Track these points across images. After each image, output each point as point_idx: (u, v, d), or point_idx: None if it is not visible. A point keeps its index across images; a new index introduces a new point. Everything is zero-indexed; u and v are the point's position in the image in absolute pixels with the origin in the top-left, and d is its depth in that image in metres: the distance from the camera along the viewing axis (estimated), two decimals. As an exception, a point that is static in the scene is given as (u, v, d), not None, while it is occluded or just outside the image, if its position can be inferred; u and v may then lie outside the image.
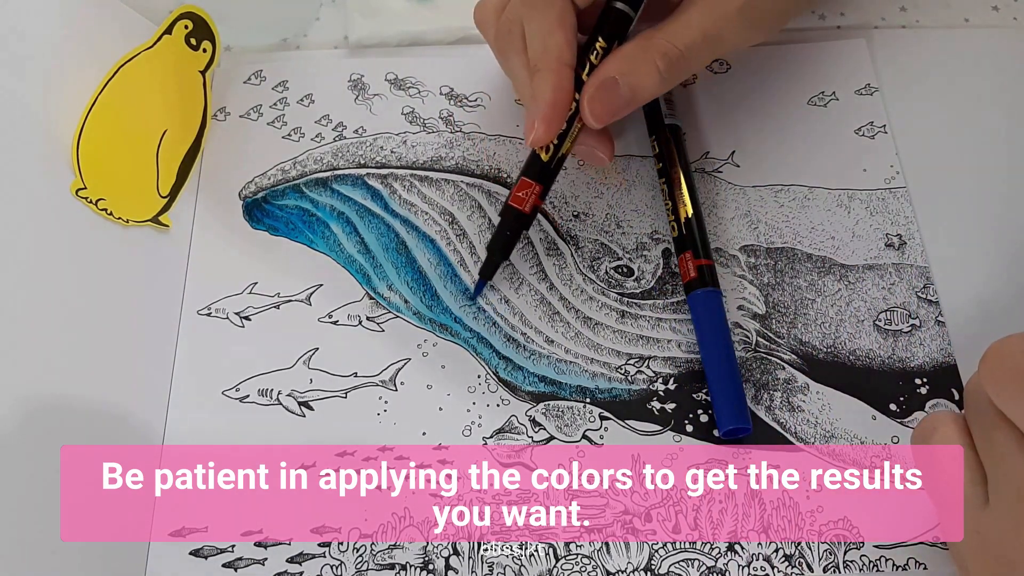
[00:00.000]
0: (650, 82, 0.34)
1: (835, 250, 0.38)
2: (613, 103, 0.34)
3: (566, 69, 0.33)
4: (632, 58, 0.34)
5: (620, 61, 0.34)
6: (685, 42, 0.33)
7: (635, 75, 0.33)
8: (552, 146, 0.35)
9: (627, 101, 0.34)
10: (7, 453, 0.30)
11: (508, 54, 0.36)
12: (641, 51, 0.34)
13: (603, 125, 0.34)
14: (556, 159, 0.35)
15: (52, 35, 0.37)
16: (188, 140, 0.40)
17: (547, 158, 0.35)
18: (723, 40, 0.34)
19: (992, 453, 0.27)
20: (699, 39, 0.34)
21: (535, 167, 0.35)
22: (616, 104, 0.34)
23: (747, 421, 0.34)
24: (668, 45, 0.33)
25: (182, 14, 0.40)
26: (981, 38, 0.42)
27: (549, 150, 0.35)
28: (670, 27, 0.34)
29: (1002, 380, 0.26)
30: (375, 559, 0.33)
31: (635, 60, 0.34)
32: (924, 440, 0.29)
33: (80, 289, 0.35)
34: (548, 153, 0.35)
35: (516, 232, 0.36)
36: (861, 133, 0.40)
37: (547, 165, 0.35)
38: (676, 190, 0.37)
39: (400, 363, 0.37)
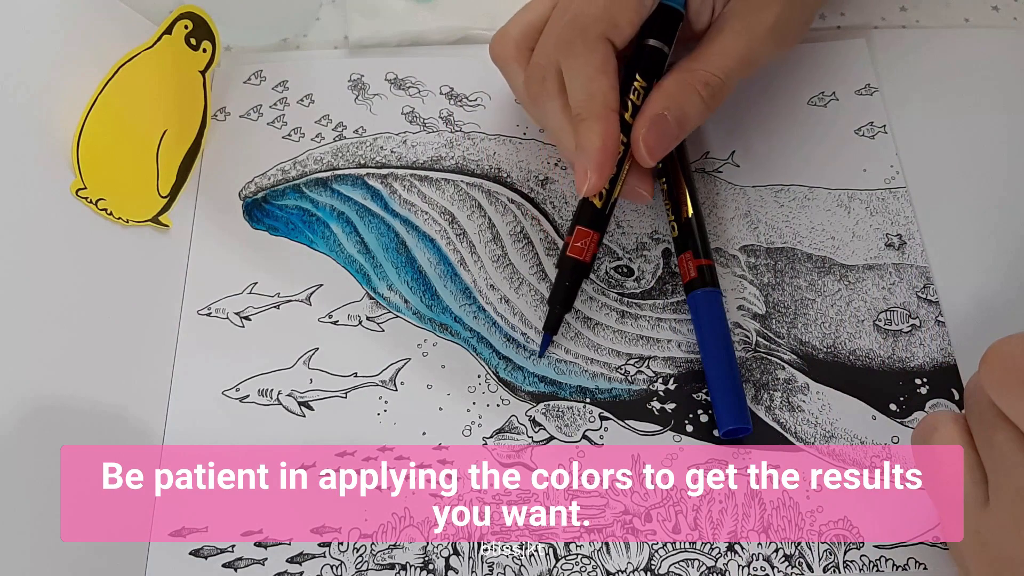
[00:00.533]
0: (696, 111, 0.34)
1: (835, 250, 0.38)
2: (665, 138, 0.34)
3: (613, 115, 0.33)
4: (676, 92, 0.34)
5: (665, 96, 0.34)
6: (724, 70, 0.34)
7: (682, 107, 0.34)
8: (604, 192, 0.35)
9: (676, 134, 0.34)
10: (7, 453, 0.30)
11: (543, 101, 0.35)
12: (684, 84, 0.34)
13: (656, 162, 0.35)
14: (609, 204, 0.35)
15: (52, 35, 0.37)
16: (188, 140, 0.40)
17: (600, 204, 0.35)
18: (757, 60, 0.35)
19: (992, 453, 0.27)
20: (736, 64, 0.34)
21: (588, 214, 0.35)
22: (668, 138, 0.34)
23: (747, 421, 0.34)
24: (708, 75, 0.34)
25: (182, 14, 0.40)
26: (981, 38, 0.42)
27: (602, 196, 0.35)
28: (706, 56, 0.35)
29: (1002, 380, 0.26)
30: (375, 559, 0.33)
31: (680, 93, 0.34)
32: (924, 440, 0.29)
33: (80, 289, 0.35)
34: (601, 200, 0.35)
35: (576, 283, 0.36)
36: (861, 133, 0.40)
37: (601, 212, 0.35)
38: (676, 190, 0.38)
39: (400, 363, 0.37)
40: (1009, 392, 0.26)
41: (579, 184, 0.34)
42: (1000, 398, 0.26)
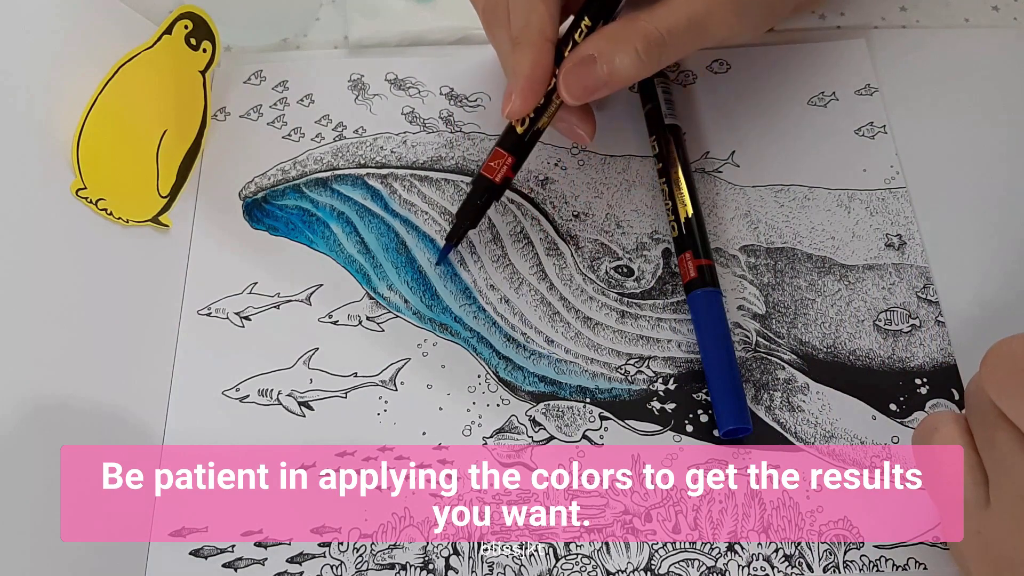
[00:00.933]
0: (628, 63, 0.33)
1: (835, 250, 0.38)
2: (589, 81, 0.33)
3: (547, 44, 0.33)
4: (612, 38, 0.33)
5: (600, 40, 0.33)
6: (667, 25, 0.33)
7: (614, 55, 0.33)
8: (528, 120, 0.35)
9: (604, 81, 0.33)
10: (7, 453, 0.30)
11: (493, 27, 0.36)
12: (622, 32, 0.33)
13: (579, 103, 0.34)
14: (531, 133, 0.35)
15: (52, 35, 0.37)
16: (188, 140, 0.40)
17: (522, 131, 0.35)
18: (709, 28, 0.34)
19: (993, 454, 0.27)
20: (683, 23, 0.33)
21: (510, 139, 0.36)
22: (592, 82, 0.33)
23: (747, 421, 0.34)
24: (650, 27, 0.33)
25: (182, 14, 0.40)
26: (981, 38, 0.42)
27: (525, 123, 0.35)
28: (656, 10, 0.33)
29: (1003, 380, 0.26)
30: (375, 559, 0.33)
31: (615, 40, 0.33)
32: (924, 440, 0.29)
33: (80, 289, 0.35)
34: (523, 126, 0.35)
35: (486, 202, 0.36)
36: (861, 133, 0.40)
37: (521, 138, 0.35)
38: (676, 190, 0.38)
39: (400, 363, 0.37)
40: (1010, 393, 0.26)
41: (504, 105, 0.34)
42: (1001, 399, 0.26)
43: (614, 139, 0.41)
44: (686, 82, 0.42)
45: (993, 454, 0.27)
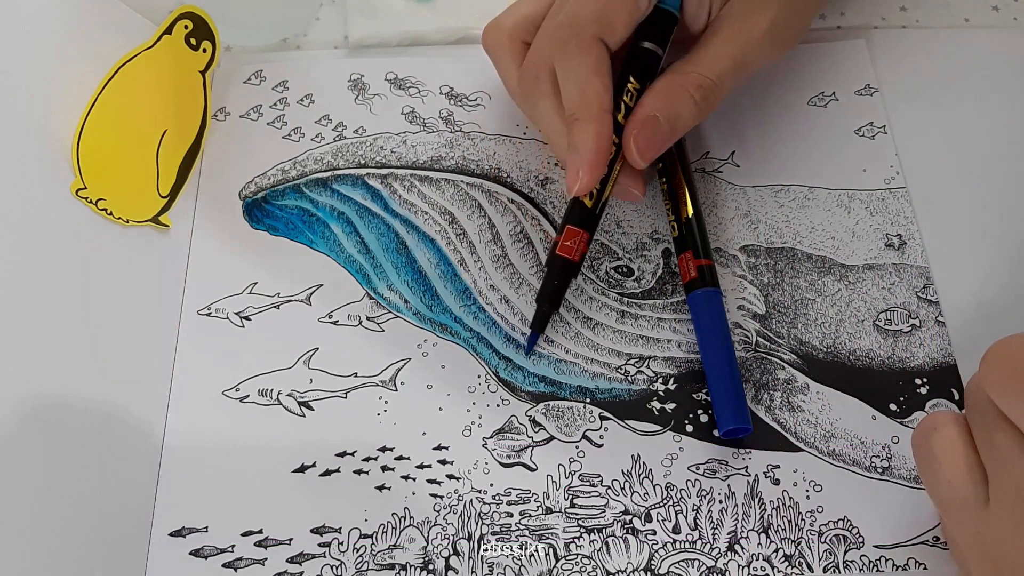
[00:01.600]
0: (688, 114, 0.34)
1: (835, 250, 0.38)
2: (656, 140, 0.34)
3: (607, 116, 0.33)
4: (668, 94, 0.34)
5: (657, 98, 0.34)
6: (717, 72, 0.34)
7: (673, 109, 0.34)
8: (594, 192, 0.35)
9: (668, 136, 0.34)
10: (7, 453, 0.30)
11: (536, 100, 0.35)
12: (676, 86, 0.34)
13: (648, 163, 0.35)
14: (600, 204, 0.35)
15: (52, 35, 0.37)
16: (188, 140, 0.40)
17: (591, 204, 0.35)
18: (751, 63, 0.35)
19: (993, 454, 0.27)
20: (729, 67, 0.34)
21: (580, 214, 0.35)
22: (659, 141, 0.34)
23: (747, 421, 0.34)
24: (701, 77, 0.34)
25: (182, 14, 0.40)
26: (981, 38, 0.42)
27: (592, 196, 0.35)
28: (700, 59, 0.34)
29: (1003, 380, 0.26)
30: (375, 559, 0.33)
31: (672, 95, 0.34)
32: (924, 440, 0.29)
33: (80, 289, 0.35)
34: (591, 199, 0.35)
35: (565, 282, 0.36)
36: (861, 133, 0.40)
37: (592, 211, 0.35)
38: (676, 190, 0.38)
39: (400, 363, 0.37)
40: (1009, 392, 0.26)
41: (570, 183, 0.34)
42: (1000, 398, 0.26)
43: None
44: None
45: (993, 454, 0.27)
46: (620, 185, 0.36)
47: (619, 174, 0.35)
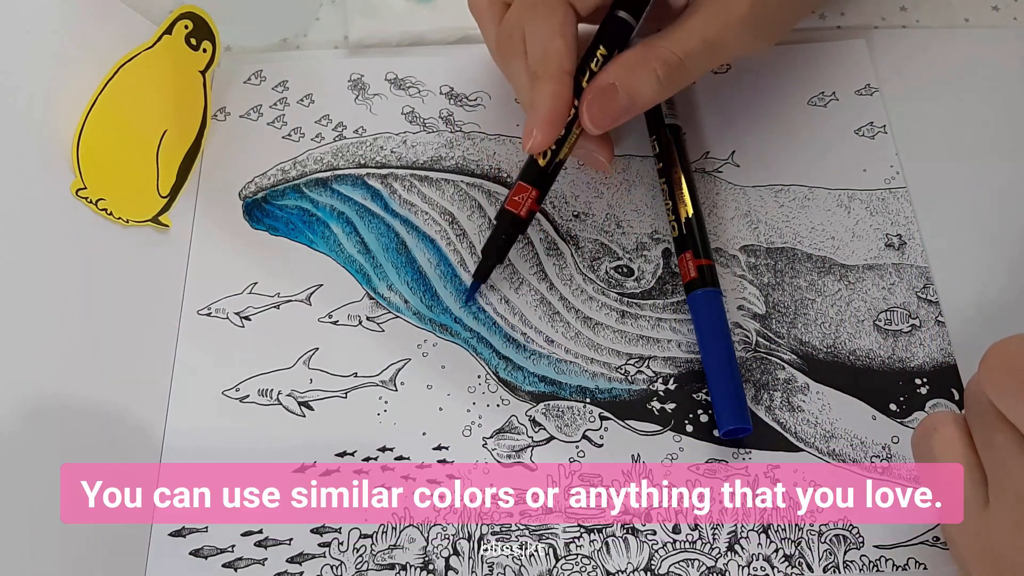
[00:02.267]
0: (648, 89, 0.33)
1: (835, 250, 0.38)
2: (611, 109, 0.34)
3: (566, 76, 0.33)
4: (631, 65, 0.34)
5: (619, 68, 0.34)
6: (685, 49, 0.33)
7: (634, 82, 0.33)
8: (550, 152, 0.35)
9: (625, 108, 0.34)
10: (7, 453, 0.30)
11: (509, 59, 0.36)
12: (640, 58, 0.34)
13: (602, 131, 0.34)
14: (553, 164, 0.35)
15: (52, 35, 0.37)
16: (188, 140, 0.40)
17: (544, 163, 0.35)
18: (725, 48, 0.34)
19: (993, 454, 0.27)
20: (700, 46, 0.33)
21: (532, 172, 0.36)
22: (614, 110, 0.34)
23: (747, 421, 0.34)
24: (668, 52, 0.33)
25: (182, 14, 0.40)
26: (981, 38, 0.42)
27: (546, 155, 0.35)
28: (671, 34, 0.34)
29: (1002, 381, 0.26)
30: (375, 559, 0.33)
31: (634, 67, 0.34)
32: (924, 440, 0.29)
33: (80, 289, 0.35)
34: (545, 159, 0.35)
35: (511, 236, 0.36)
36: (861, 133, 0.40)
37: (544, 170, 0.35)
38: (676, 190, 0.37)
39: (400, 363, 0.37)
40: (1009, 393, 0.26)
41: (524, 140, 0.34)
42: (1000, 400, 0.26)
43: (614, 139, 0.41)
44: (686, 82, 0.42)
45: (992, 454, 0.27)
46: (585, 150, 0.36)
47: (587, 140, 0.36)
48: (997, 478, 0.26)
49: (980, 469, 0.27)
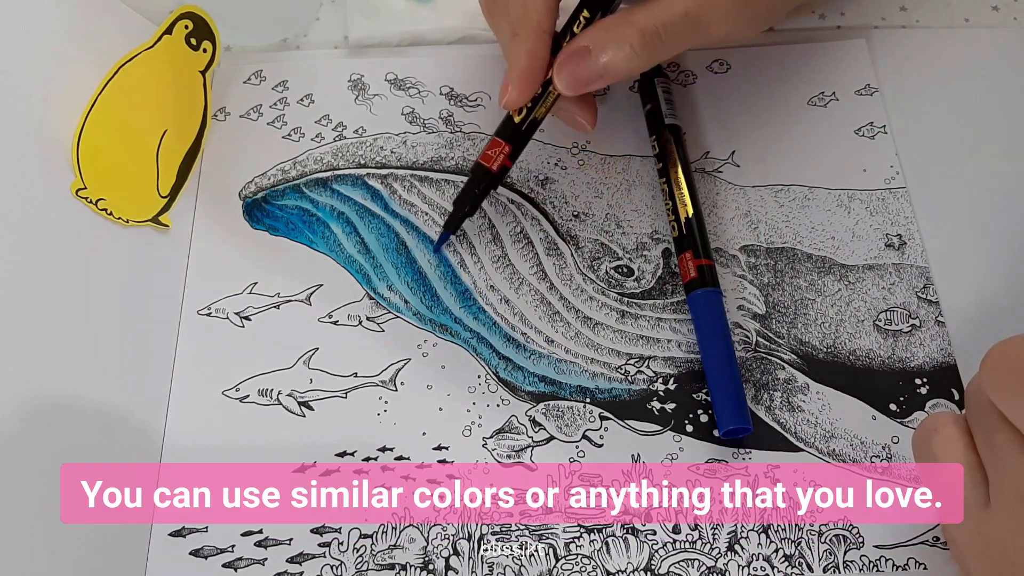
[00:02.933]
0: (621, 57, 0.33)
1: (835, 250, 0.38)
2: (583, 73, 0.34)
3: (543, 35, 0.34)
4: (608, 31, 0.33)
5: (596, 32, 0.34)
6: (664, 20, 0.32)
7: (607, 48, 0.33)
8: (526, 109, 0.35)
9: (597, 74, 0.33)
10: (7, 453, 0.30)
11: (495, 16, 0.36)
12: (618, 25, 0.33)
13: (573, 94, 0.34)
14: (528, 122, 0.36)
15: (52, 35, 0.37)
16: (188, 140, 0.40)
17: (519, 120, 0.36)
18: (706, 24, 0.33)
19: (993, 455, 0.27)
20: (681, 19, 0.33)
21: (507, 128, 0.36)
22: (586, 75, 0.34)
23: (747, 421, 0.34)
24: (646, 21, 0.33)
25: (182, 14, 0.40)
26: (981, 38, 0.42)
27: (522, 112, 0.36)
28: (654, 4, 0.33)
29: (1003, 382, 0.26)
30: (375, 559, 0.33)
31: (610, 33, 0.33)
32: (925, 441, 0.29)
33: (80, 289, 0.35)
34: (520, 115, 0.36)
35: (484, 190, 0.37)
36: (861, 133, 0.40)
37: (519, 127, 0.36)
38: (676, 190, 0.37)
39: (400, 363, 0.37)
40: (1010, 394, 0.26)
41: (501, 95, 0.35)
42: (1000, 400, 0.26)
43: (614, 139, 0.41)
44: (686, 82, 0.42)
45: (993, 455, 0.27)
46: (567, 112, 0.37)
47: (564, 100, 0.36)
48: (998, 478, 0.26)
49: (981, 469, 0.27)
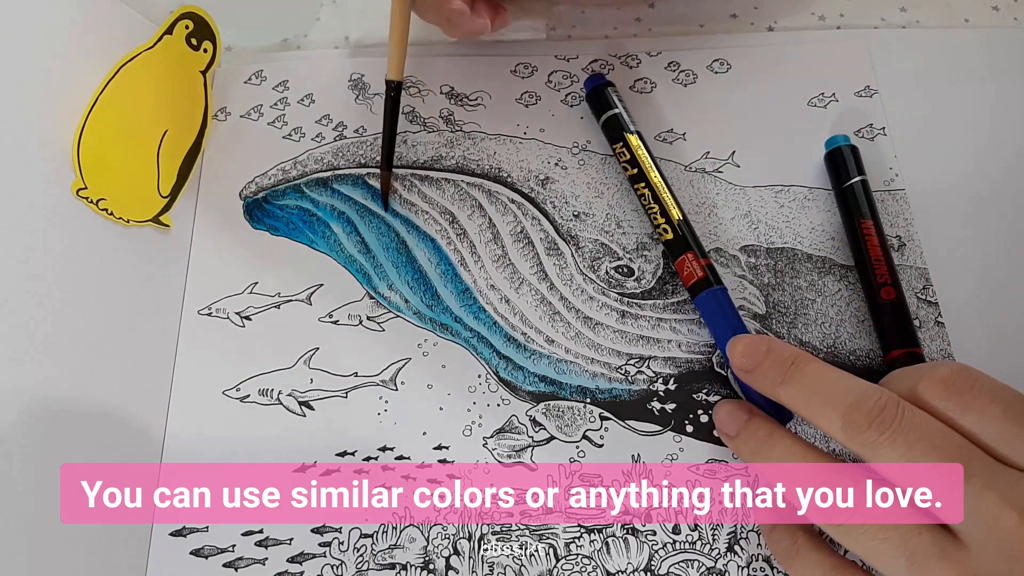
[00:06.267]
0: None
1: (835, 251, 0.38)
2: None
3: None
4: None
5: None
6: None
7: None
8: None
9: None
10: (8, 453, 0.30)
11: None
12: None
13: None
14: None
15: (52, 35, 0.37)
16: (189, 140, 0.40)
17: None
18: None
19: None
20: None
21: None
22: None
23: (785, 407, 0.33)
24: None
25: (183, 14, 0.40)
26: (981, 38, 0.42)
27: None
28: None
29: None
30: (375, 559, 0.33)
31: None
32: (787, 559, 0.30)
33: (81, 289, 0.35)
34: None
35: None
36: (861, 135, 0.40)
37: None
38: (662, 194, 0.37)
39: (400, 363, 0.37)
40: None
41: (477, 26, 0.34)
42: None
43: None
44: (686, 82, 0.42)
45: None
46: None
47: None
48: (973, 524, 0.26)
49: None
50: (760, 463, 0.31)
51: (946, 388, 0.27)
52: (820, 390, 0.28)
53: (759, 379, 0.30)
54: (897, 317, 0.35)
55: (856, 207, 0.37)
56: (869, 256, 0.36)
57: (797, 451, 0.30)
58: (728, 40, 0.42)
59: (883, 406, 0.27)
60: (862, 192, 0.37)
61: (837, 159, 0.38)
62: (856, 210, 0.37)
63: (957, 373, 0.27)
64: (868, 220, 0.37)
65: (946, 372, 0.27)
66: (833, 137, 0.38)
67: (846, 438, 0.28)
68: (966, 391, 0.27)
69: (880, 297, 0.35)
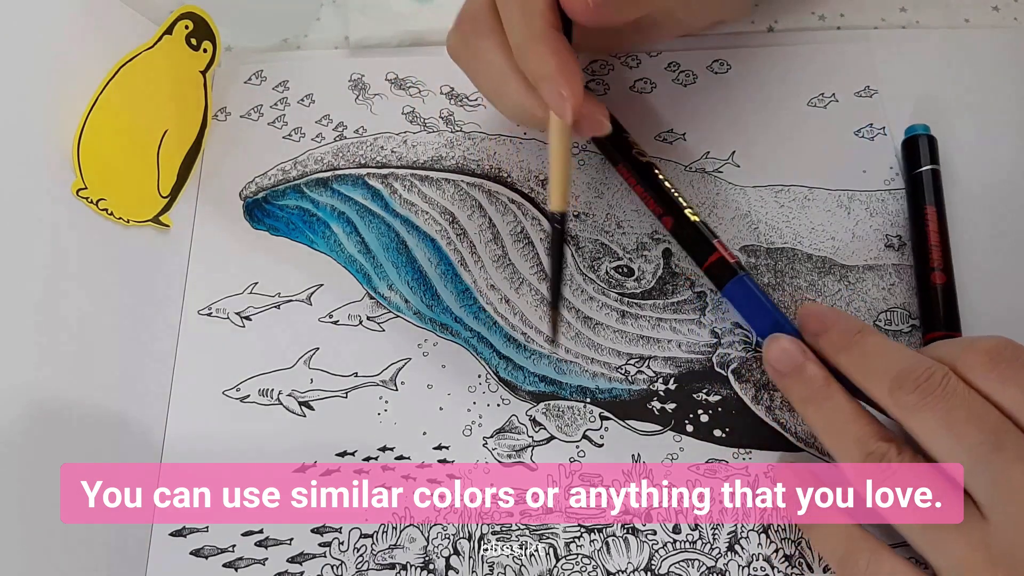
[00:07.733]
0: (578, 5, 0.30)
1: (835, 251, 0.38)
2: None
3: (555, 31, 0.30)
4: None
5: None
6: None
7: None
8: None
9: None
10: (8, 453, 0.30)
11: (476, 41, 0.33)
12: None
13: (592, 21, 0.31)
14: None
15: (53, 35, 0.37)
16: (189, 140, 0.40)
17: None
18: None
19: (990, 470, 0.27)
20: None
21: None
22: None
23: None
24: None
25: (183, 14, 0.40)
26: (981, 38, 0.42)
27: None
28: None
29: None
30: (375, 559, 0.33)
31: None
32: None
33: (81, 289, 0.35)
34: None
35: None
36: (861, 135, 0.40)
37: None
38: (665, 196, 0.37)
39: (400, 363, 0.37)
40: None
41: (559, 108, 0.30)
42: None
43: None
44: (686, 82, 0.42)
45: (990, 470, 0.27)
46: (586, 120, 0.33)
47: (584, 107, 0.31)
48: (1002, 491, 0.27)
49: None
50: (808, 411, 0.31)
51: (990, 359, 0.28)
52: (877, 358, 0.30)
53: (824, 343, 0.32)
54: (946, 301, 0.36)
55: (922, 193, 0.38)
56: (927, 241, 0.37)
57: (847, 410, 0.30)
58: (728, 40, 0.42)
59: (930, 374, 0.28)
60: (931, 180, 0.38)
61: (912, 147, 0.39)
62: (922, 196, 0.38)
63: (1002, 346, 0.28)
64: (932, 207, 0.37)
65: (990, 344, 0.28)
66: (912, 126, 0.39)
67: (891, 401, 0.29)
68: (1010, 363, 0.28)
69: (931, 281, 0.36)
